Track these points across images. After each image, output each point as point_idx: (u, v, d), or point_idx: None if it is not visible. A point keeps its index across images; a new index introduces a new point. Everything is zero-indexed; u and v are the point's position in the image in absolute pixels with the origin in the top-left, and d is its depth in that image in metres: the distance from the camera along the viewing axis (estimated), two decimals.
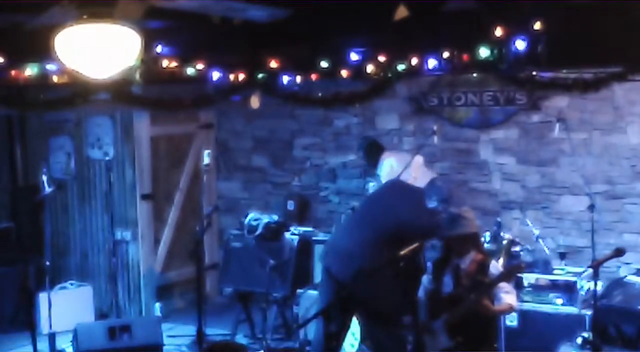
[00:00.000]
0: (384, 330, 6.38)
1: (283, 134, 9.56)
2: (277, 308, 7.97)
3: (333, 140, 9.32)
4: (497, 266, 5.68)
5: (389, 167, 7.90)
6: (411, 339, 6.26)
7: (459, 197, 8.14)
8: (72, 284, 8.65)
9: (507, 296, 5.48)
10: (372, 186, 8.13)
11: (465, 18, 6.53)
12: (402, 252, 5.52)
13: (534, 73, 6.90)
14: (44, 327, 7.92)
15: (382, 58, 7.03)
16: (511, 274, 5.64)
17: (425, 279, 5.74)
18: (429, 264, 5.85)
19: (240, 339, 8.05)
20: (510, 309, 5.65)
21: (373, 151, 8.15)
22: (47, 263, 7.78)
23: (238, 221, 8.61)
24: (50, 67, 6.66)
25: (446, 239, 5.65)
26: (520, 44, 6.40)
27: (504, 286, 5.49)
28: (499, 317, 6.20)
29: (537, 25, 6.33)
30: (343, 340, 6.46)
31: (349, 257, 6.25)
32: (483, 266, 5.53)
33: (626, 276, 7.19)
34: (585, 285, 6.80)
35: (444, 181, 8.40)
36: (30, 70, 6.64)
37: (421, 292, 5.72)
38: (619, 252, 5.78)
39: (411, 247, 5.56)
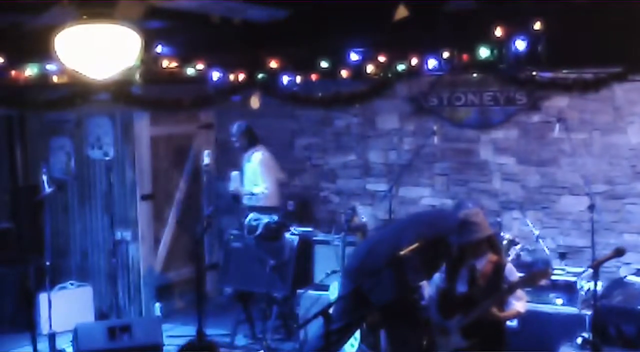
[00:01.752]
0: (400, 326, 6.23)
1: (283, 134, 9.56)
2: (277, 308, 7.97)
3: (333, 140, 9.32)
4: (512, 269, 5.65)
5: (261, 154, 8.55)
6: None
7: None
8: (72, 284, 8.65)
9: (517, 302, 5.47)
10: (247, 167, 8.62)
11: (465, 18, 6.53)
12: (401, 252, 5.51)
13: (534, 73, 6.90)
14: (44, 328, 7.91)
15: (382, 58, 7.02)
16: (535, 280, 5.60)
17: (438, 277, 5.71)
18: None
19: (240, 339, 8.06)
20: (517, 315, 5.63)
21: (252, 137, 8.66)
22: (47, 263, 7.77)
23: (238, 221, 8.62)
24: (50, 67, 6.66)
25: (459, 246, 5.61)
26: (520, 44, 6.40)
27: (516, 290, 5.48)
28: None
29: (537, 25, 6.32)
30: (346, 337, 6.40)
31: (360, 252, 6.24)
32: (498, 268, 5.51)
33: (626, 276, 7.19)
34: (585, 285, 6.80)
35: (449, 181, 8.43)
36: (30, 70, 6.64)
37: (433, 291, 5.69)
38: (619, 252, 5.77)
39: (411, 248, 5.55)
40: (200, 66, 7.24)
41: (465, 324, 5.39)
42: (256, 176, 8.45)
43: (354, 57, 7.07)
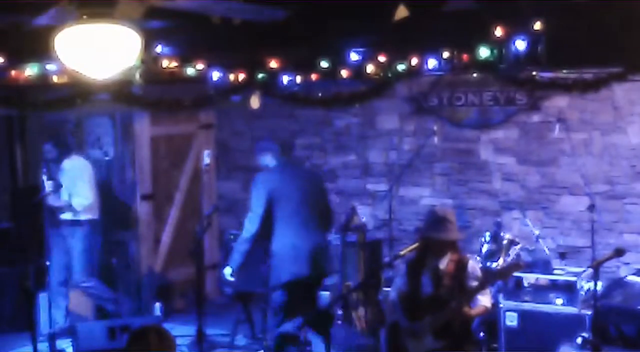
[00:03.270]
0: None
1: (283, 134, 9.55)
2: None
3: (333, 140, 9.33)
4: (474, 265, 5.63)
5: (77, 162, 8.09)
6: None
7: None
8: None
9: (483, 297, 5.45)
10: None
11: (465, 18, 6.52)
12: (401, 252, 5.52)
13: (534, 73, 6.90)
14: (44, 328, 7.91)
15: (382, 58, 7.01)
16: (509, 272, 5.60)
17: (399, 280, 5.64)
18: (403, 265, 5.76)
19: (240, 339, 8.06)
20: (486, 311, 5.62)
21: (64, 145, 8.20)
22: (47, 263, 7.77)
23: (238, 221, 8.60)
24: (50, 67, 6.66)
25: (428, 240, 5.54)
26: (520, 44, 6.39)
27: None
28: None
29: (537, 25, 6.31)
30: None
31: (312, 256, 6.85)
32: (461, 265, 5.47)
33: (626, 276, 7.19)
34: (585, 285, 6.80)
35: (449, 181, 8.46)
36: (30, 70, 6.63)
37: (394, 295, 5.63)
38: (619, 252, 5.78)
39: (410, 247, 5.56)
40: (200, 66, 7.24)
41: (437, 325, 5.34)
42: (74, 186, 7.97)
43: (354, 57, 7.06)
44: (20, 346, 7.81)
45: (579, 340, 6.37)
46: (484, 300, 5.46)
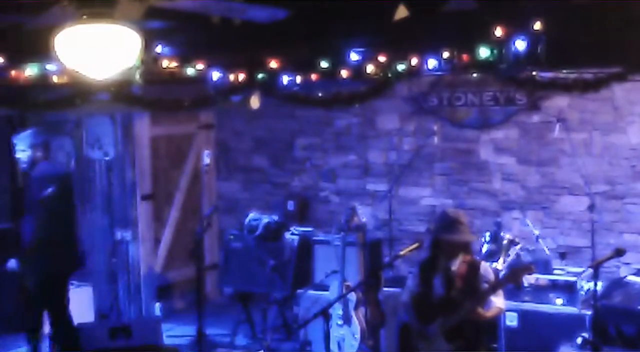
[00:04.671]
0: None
1: (283, 134, 9.56)
2: (277, 308, 7.98)
3: (333, 140, 9.33)
4: (487, 267, 5.60)
5: None
6: None
7: None
8: (72, 284, 8.63)
9: (496, 298, 5.43)
10: None
11: (465, 18, 6.52)
12: (401, 253, 5.50)
13: (534, 73, 6.90)
14: (44, 328, 7.90)
15: (382, 58, 7.02)
16: (518, 275, 5.56)
17: (411, 281, 5.62)
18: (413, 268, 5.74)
19: (240, 339, 8.07)
20: (500, 312, 5.60)
21: None
22: None
23: (238, 221, 8.61)
24: (50, 67, 6.66)
25: (439, 242, 5.49)
26: (520, 44, 6.39)
27: None
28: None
29: (537, 25, 6.31)
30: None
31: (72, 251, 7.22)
32: (473, 267, 5.45)
33: (626, 276, 7.19)
34: (585, 285, 6.80)
35: (449, 181, 8.44)
36: (30, 70, 6.64)
37: (406, 296, 5.60)
38: (619, 252, 5.77)
39: (410, 248, 5.54)
40: (200, 66, 7.24)
41: (448, 327, 5.32)
42: None
43: (354, 57, 7.06)
44: (20, 346, 7.82)
45: (579, 340, 6.36)
46: (498, 301, 5.44)
